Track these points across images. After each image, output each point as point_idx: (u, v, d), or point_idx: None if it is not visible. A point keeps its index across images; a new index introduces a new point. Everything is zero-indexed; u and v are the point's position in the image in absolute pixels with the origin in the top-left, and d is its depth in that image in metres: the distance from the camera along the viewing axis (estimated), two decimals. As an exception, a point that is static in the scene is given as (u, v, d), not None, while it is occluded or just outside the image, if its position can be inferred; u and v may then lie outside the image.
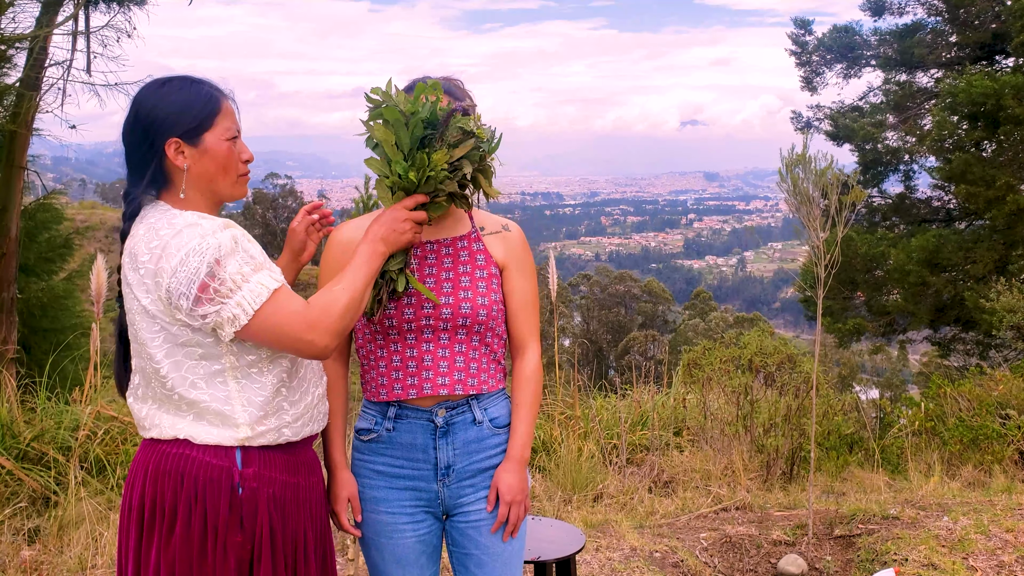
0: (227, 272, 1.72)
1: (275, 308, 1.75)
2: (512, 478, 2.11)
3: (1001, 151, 13.98)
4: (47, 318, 8.33)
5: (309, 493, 1.96)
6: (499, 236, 2.19)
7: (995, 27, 14.79)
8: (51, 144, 7.94)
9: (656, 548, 4.32)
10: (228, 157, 1.87)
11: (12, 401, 4.82)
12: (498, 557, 2.14)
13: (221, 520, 1.79)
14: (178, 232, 1.74)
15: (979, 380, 7.26)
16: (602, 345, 40.48)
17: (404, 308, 2.05)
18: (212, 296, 1.71)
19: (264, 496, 1.83)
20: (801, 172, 3.90)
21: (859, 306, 16.56)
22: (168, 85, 1.86)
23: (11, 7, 6.85)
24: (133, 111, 1.86)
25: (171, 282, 1.71)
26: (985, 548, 4.14)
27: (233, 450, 1.82)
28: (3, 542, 3.99)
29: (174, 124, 1.82)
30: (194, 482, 1.79)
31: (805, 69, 17.65)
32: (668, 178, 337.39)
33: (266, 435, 1.84)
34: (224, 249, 1.73)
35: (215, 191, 1.89)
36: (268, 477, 1.84)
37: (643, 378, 7.17)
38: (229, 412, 1.81)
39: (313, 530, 1.95)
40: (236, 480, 1.81)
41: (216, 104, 1.86)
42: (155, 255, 1.74)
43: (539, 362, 2.21)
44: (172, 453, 1.82)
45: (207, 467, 1.80)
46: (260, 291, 1.74)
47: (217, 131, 1.85)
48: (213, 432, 1.81)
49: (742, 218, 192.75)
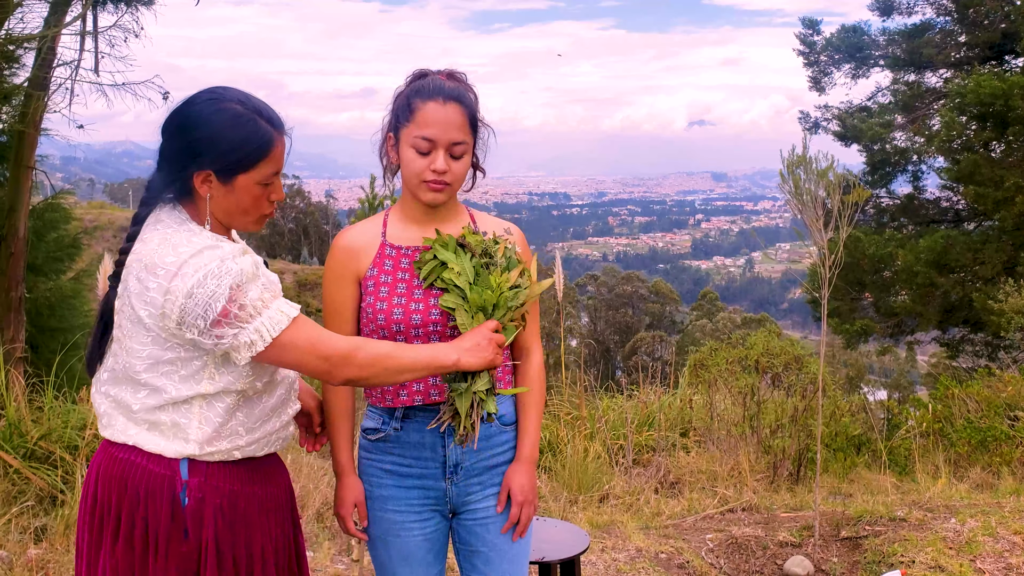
0: (248, 298, 1.71)
1: (294, 338, 1.76)
2: (524, 479, 2.14)
3: (1010, 152, 13.94)
4: (55, 317, 8.36)
5: (269, 502, 1.92)
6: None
7: (1004, 27, 14.74)
8: (59, 144, 8.00)
9: (662, 549, 4.31)
10: (253, 202, 1.84)
11: (20, 400, 4.83)
12: (505, 554, 2.15)
13: (163, 529, 1.77)
14: (198, 252, 1.71)
15: (987, 381, 7.23)
16: (609, 346, 40.47)
17: (412, 313, 2.04)
18: (231, 321, 1.70)
19: (211, 506, 1.80)
20: (803, 173, 3.88)
21: (867, 307, 16.53)
22: (230, 112, 1.78)
23: (19, 7, 6.88)
24: (183, 116, 1.80)
25: (186, 303, 1.68)
26: (993, 550, 4.12)
27: (177, 460, 1.80)
28: (10, 541, 4.00)
29: (215, 158, 1.77)
30: (136, 490, 1.78)
31: (813, 69, 17.64)
32: (676, 178, 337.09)
33: (214, 455, 1.82)
34: (246, 275, 1.72)
35: (229, 223, 1.88)
36: (215, 487, 1.81)
37: (650, 379, 7.16)
38: (184, 425, 1.79)
39: (274, 539, 1.92)
40: (179, 490, 1.78)
41: (267, 148, 1.80)
42: (169, 272, 1.70)
43: (542, 363, 2.22)
44: (120, 458, 1.81)
45: (150, 476, 1.78)
46: (280, 319, 1.75)
47: (253, 175, 1.80)
48: (161, 443, 1.79)
49: (750, 218, 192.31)
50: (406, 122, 2.04)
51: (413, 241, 2.12)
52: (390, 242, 2.13)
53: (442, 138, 2.01)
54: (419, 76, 2.10)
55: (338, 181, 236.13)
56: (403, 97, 2.07)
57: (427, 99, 2.02)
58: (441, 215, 2.14)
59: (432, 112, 2.01)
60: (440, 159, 2.02)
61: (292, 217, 44.42)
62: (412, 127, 2.03)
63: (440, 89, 2.03)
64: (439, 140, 2.01)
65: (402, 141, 2.05)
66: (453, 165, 2.04)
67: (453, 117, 2.02)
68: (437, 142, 2.01)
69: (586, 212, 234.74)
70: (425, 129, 2.01)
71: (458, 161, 2.05)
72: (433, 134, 2.01)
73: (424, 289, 2.06)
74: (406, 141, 2.04)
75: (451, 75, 2.11)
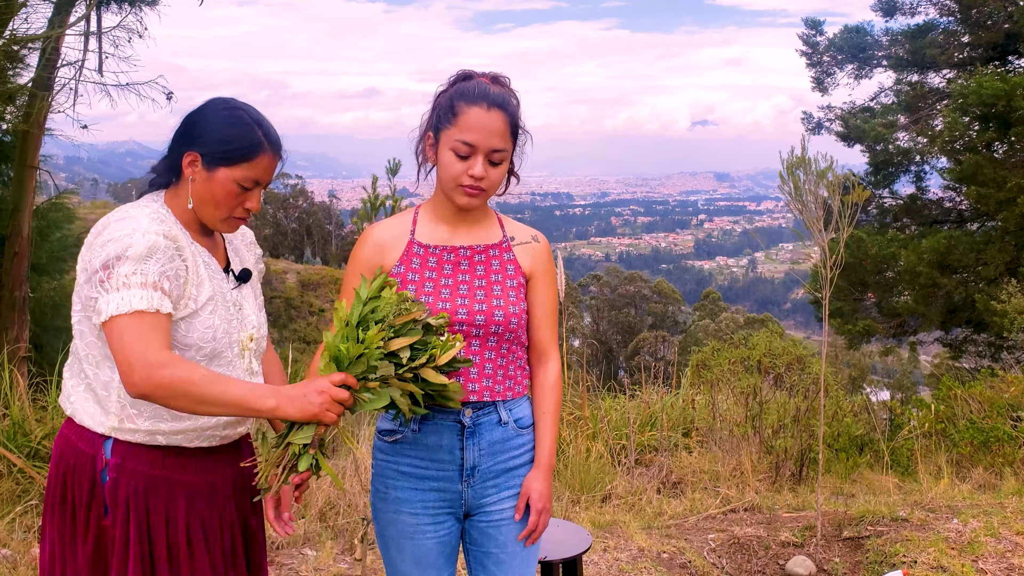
0: (118, 271, 1.77)
1: (125, 326, 1.75)
2: (542, 486, 2.14)
3: (1013, 152, 13.93)
4: (58, 317, 8.39)
5: (203, 488, 1.94)
6: (527, 247, 2.20)
7: (1008, 27, 14.73)
8: (63, 144, 8.02)
9: (664, 549, 4.32)
10: (225, 198, 1.92)
11: (23, 399, 4.85)
12: (516, 556, 2.16)
13: (83, 503, 1.87)
14: (121, 219, 1.84)
15: (990, 382, 7.23)
16: (612, 346, 40.48)
17: (437, 312, 2.04)
18: (97, 284, 1.79)
19: (127, 487, 1.85)
20: (802, 174, 3.89)
21: (870, 307, 16.52)
22: (232, 113, 1.93)
23: (24, 8, 6.90)
24: (196, 110, 1.96)
25: (86, 253, 1.83)
26: (995, 551, 4.12)
27: (102, 438, 1.87)
28: (15, 540, 4.02)
29: (207, 143, 1.90)
30: (67, 463, 1.89)
31: (816, 70, 17.62)
32: (679, 178, 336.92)
33: (135, 434, 1.87)
34: (133, 251, 1.78)
35: (201, 213, 1.95)
36: (134, 469, 1.86)
37: (652, 379, 7.17)
38: (105, 397, 1.87)
39: (209, 525, 1.94)
40: (100, 468, 1.86)
41: (252, 153, 1.91)
42: (98, 230, 1.84)
43: (560, 370, 2.22)
44: (61, 433, 1.95)
45: (76, 453, 1.89)
46: (124, 304, 1.75)
47: (234, 171, 1.91)
48: (89, 411, 1.89)
49: (753, 219, 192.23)
50: (448, 124, 2.03)
51: (441, 240, 2.13)
52: (418, 240, 2.14)
53: (483, 144, 2.01)
54: (463, 78, 2.09)
55: (341, 181, 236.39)
56: (446, 98, 2.06)
57: (471, 103, 2.02)
58: (471, 218, 2.16)
59: (476, 117, 2.01)
60: (479, 165, 2.02)
61: (295, 217, 44.48)
62: (454, 130, 2.02)
63: (485, 94, 2.03)
64: (480, 146, 2.01)
65: (442, 142, 2.05)
66: (491, 171, 2.04)
67: (496, 124, 2.02)
68: (478, 148, 2.01)
69: (589, 212, 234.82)
70: (467, 134, 2.01)
71: (496, 168, 2.05)
72: (475, 139, 2.01)
73: (452, 288, 2.07)
74: (446, 143, 2.04)
75: (496, 79, 2.10)
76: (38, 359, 7.27)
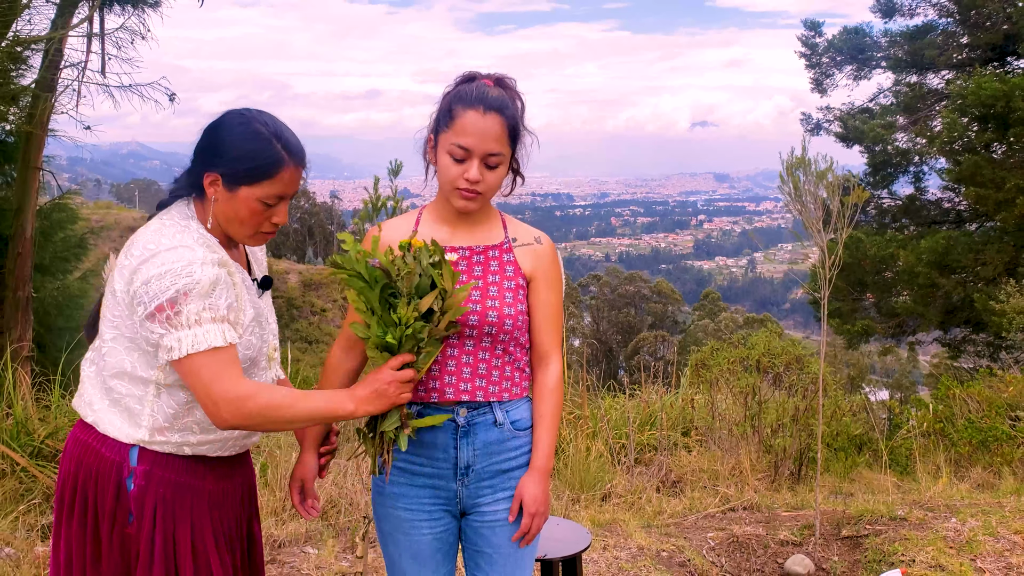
0: (186, 308, 1.76)
1: (203, 364, 1.78)
2: (536, 489, 2.12)
3: (1011, 153, 13.95)
4: (62, 317, 8.39)
5: (220, 496, 1.97)
6: (530, 248, 2.19)
7: (1006, 28, 14.74)
8: (66, 145, 8.03)
9: (663, 547, 4.34)
10: (250, 216, 1.90)
11: (27, 399, 4.86)
12: (510, 556, 2.15)
13: (108, 511, 1.86)
14: (174, 248, 1.80)
15: (989, 382, 7.25)
16: (612, 345, 40.47)
17: None
18: (163, 321, 1.77)
19: (154, 495, 1.86)
20: (802, 175, 3.91)
21: (869, 307, 16.54)
22: (249, 127, 1.88)
23: (27, 9, 6.92)
24: (217, 121, 1.92)
25: (140, 288, 1.78)
26: (993, 550, 4.14)
27: (128, 446, 1.87)
28: (17, 538, 4.03)
29: (226, 163, 1.87)
30: (88, 471, 1.88)
31: (815, 71, 17.64)
32: (678, 179, 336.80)
33: (164, 445, 1.88)
34: (199, 287, 1.77)
35: (227, 230, 1.94)
36: (161, 477, 1.87)
37: (652, 378, 7.18)
38: (138, 411, 1.87)
39: (227, 531, 1.97)
40: (125, 475, 1.86)
41: (274, 169, 1.88)
42: (145, 256, 1.79)
43: (561, 373, 2.20)
44: (79, 438, 1.92)
45: (101, 459, 1.87)
46: (202, 342, 1.77)
47: (256, 190, 1.88)
48: (116, 423, 1.88)
49: (752, 219, 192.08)
50: (445, 128, 2.04)
51: (441, 240, 2.12)
52: None
53: (478, 148, 2.01)
54: (465, 80, 2.09)
55: (343, 182, 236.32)
56: (446, 101, 2.07)
57: (467, 107, 2.02)
58: (473, 219, 2.16)
59: (471, 121, 2.01)
60: (474, 169, 2.02)
61: (297, 217, 44.45)
62: (450, 134, 2.03)
63: (482, 98, 2.02)
64: (475, 150, 2.01)
65: (440, 145, 2.06)
66: (487, 175, 2.04)
67: (491, 128, 2.01)
68: (473, 151, 2.01)
69: (589, 213, 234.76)
70: (462, 138, 2.01)
71: (493, 171, 2.05)
72: (469, 143, 2.01)
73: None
74: (443, 146, 2.04)
75: (499, 81, 2.10)
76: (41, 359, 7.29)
